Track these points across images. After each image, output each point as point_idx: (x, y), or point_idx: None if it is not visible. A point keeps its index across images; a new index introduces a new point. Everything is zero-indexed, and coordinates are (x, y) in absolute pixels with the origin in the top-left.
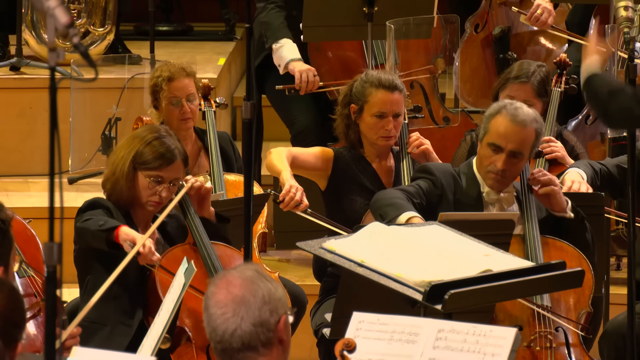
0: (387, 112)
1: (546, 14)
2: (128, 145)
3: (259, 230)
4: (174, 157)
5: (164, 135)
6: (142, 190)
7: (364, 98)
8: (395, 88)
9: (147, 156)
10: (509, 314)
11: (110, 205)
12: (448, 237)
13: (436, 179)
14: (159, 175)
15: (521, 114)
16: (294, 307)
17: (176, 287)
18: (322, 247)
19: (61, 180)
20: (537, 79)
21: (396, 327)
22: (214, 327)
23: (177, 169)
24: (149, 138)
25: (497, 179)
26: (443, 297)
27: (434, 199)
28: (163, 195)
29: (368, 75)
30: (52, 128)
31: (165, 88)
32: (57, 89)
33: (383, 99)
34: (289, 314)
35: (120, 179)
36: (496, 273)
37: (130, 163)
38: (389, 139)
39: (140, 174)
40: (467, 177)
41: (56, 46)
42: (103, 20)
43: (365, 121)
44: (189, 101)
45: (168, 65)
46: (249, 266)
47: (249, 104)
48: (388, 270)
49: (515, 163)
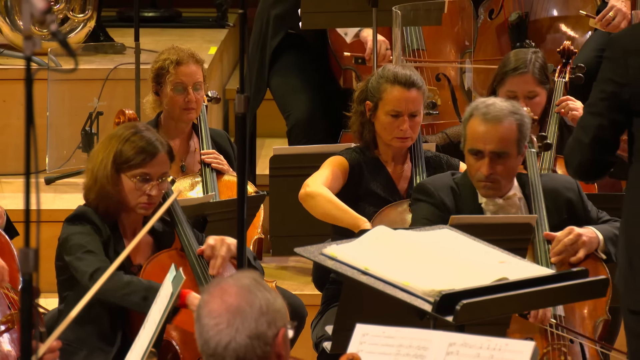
0: (402, 110)
1: (620, 17)
2: (105, 147)
3: (254, 236)
4: (156, 149)
5: (142, 129)
6: (129, 193)
7: (379, 95)
8: (412, 85)
9: (128, 153)
10: (521, 324)
11: (96, 219)
12: (460, 242)
13: (436, 201)
14: (144, 172)
15: (493, 110)
16: (293, 320)
17: (163, 297)
18: (322, 253)
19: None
20: (536, 66)
21: (403, 340)
22: (206, 339)
23: (162, 162)
24: (126, 135)
25: (488, 186)
26: (454, 307)
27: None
28: (153, 194)
29: (385, 70)
30: (28, 123)
31: (173, 72)
32: (33, 80)
33: (398, 97)
34: (288, 327)
35: (105, 185)
36: (513, 281)
37: (112, 165)
38: (404, 140)
39: (124, 176)
40: (464, 187)
41: (32, 34)
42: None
43: (379, 120)
44: (195, 90)
45: (176, 49)
46: (245, 274)
47: (243, 96)
48: (394, 279)
49: (503, 163)
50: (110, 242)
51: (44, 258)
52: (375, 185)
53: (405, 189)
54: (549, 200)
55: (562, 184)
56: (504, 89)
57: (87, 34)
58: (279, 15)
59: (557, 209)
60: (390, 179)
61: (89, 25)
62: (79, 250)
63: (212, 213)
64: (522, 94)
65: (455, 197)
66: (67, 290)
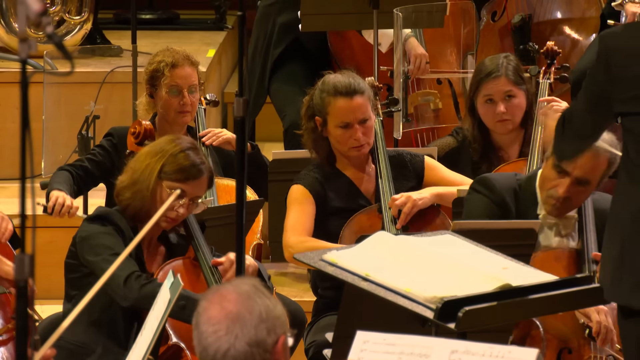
0: (350, 121)
1: None
2: (156, 153)
3: (253, 241)
4: (201, 172)
5: (193, 147)
6: (160, 203)
7: (325, 109)
8: (354, 92)
9: (176, 166)
10: (559, 333)
11: (121, 221)
12: (462, 247)
13: (496, 197)
14: (182, 188)
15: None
16: (293, 327)
17: (161, 304)
18: (322, 259)
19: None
20: (509, 69)
21: (404, 347)
22: (205, 346)
23: (201, 185)
24: (178, 149)
25: (557, 206)
26: (457, 314)
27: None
28: (180, 212)
29: (324, 83)
30: (24, 127)
31: (168, 74)
32: (28, 83)
33: (344, 108)
34: (288, 335)
35: (144, 190)
36: (516, 288)
37: (158, 172)
38: (360, 148)
39: (164, 184)
40: (526, 193)
41: (28, 36)
42: (79, 8)
43: (332, 134)
44: (190, 93)
45: (171, 51)
46: (245, 280)
47: (242, 100)
48: (396, 285)
49: (581, 192)
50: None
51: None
52: (340, 198)
53: (371, 192)
54: (600, 221)
55: None
56: (480, 95)
57: (83, 36)
58: (285, 23)
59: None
60: (353, 185)
61: (86, 28)
62: (106, 251)
63: (211, 218)
64: (499, 97)
65: (517, 200)
66: (76, 290)
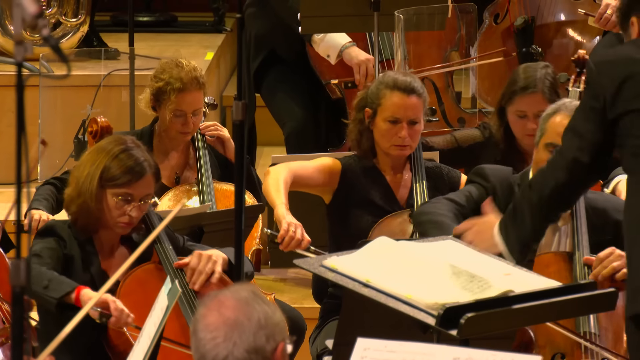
0: (401, 117)
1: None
2: (93, 161)
3: (252, 247)
4: (143, 170)
5: (131, 146)
6: (109, 211)
7: (378, 101)
8: (412, 91)
9: (115, 171)
10: (551, 340)
11: (65, 232)
12: (464, 253)
13: (490, 186)
14: (127, 192)
15: None
16: (292, 334)
17: (158, 310)
18: (322, 265)
19: (29, 190)
20: (546, 84)
21: (406, 354)
22: (203, 353)
23: (147, 184)
24: (115, 151)
25: None
26: (459, 321)
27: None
28: (133, 215)
29: (385, 76)
30: (19, 131)
31: (173, 100)
32: (24, 87)
33: (397, 103)
34: (287, 342)
35: (88, 200)
36: (518, 294)
37: (98, 181)
38: (403, 148)
39: (108, 193)
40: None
41: (23, 39)
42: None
43: (378, 127)
44: (194, 115)
45: (179, 69)
46: (244, 286)
47: (240, 103)
48: (397, 291)
49: None
50: (77, 258)
51: None
52: (372, 194)
53: (405, 199)
54: (597, 219)
55: (613, 205)
56: (513, 107)
57: (80, 39)
58: (258, 35)
59: (603, 228)
60: (389, 188)
61: (82, 30)
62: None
63: (209, 223)
64: (532, 114)
65: (511, 195)
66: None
